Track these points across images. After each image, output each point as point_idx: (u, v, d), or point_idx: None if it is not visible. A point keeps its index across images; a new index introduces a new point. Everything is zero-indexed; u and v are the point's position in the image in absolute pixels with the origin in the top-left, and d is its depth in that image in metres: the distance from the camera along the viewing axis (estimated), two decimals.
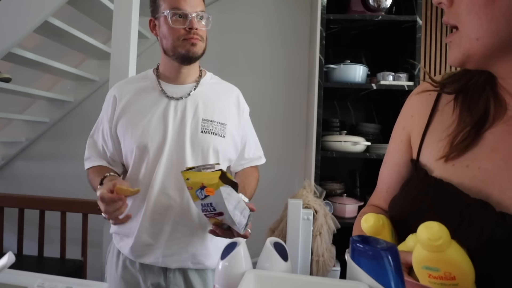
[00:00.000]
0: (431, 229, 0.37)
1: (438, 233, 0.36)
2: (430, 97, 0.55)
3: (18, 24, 1.60)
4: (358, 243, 0.36)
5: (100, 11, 1.89)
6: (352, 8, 1.75)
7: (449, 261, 0.37)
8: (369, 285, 0.34)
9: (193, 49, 0.95)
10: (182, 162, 0.95)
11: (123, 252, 1.00)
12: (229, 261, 0.38)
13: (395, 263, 0.35)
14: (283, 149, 2.09)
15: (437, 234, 0.36)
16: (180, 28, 0.93)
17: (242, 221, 0.80)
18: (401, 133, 0.58)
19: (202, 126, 0.97)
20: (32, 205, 1.77)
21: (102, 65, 2.22)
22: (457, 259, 0.37)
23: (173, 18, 0.93)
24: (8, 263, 0.43)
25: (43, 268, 1.66)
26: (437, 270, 0.37)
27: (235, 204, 0.78)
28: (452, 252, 0.37)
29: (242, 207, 0.81)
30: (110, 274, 1.03)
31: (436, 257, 0.37)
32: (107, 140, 1.03)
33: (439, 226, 0.37)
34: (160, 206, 0.94)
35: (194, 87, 1.02)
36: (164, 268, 0.97)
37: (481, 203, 0.41)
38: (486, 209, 0.41)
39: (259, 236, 1.10)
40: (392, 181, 0.61)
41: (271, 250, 0.39)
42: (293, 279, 0.36)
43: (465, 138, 0.45)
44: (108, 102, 1.04)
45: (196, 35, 0.94)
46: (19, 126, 2.27)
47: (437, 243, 0.36)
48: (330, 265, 1.35)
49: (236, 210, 0.78)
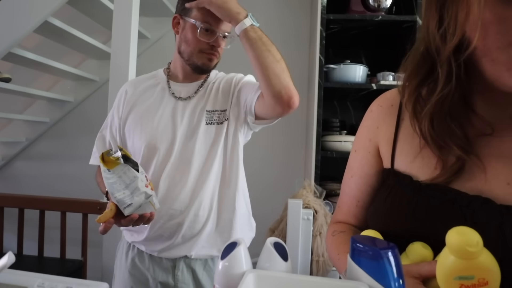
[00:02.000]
0: (466, 235, 0.35)
1: (475, 238, 0.34)
2: (393, 107, 0.55)
3: (18, 24, 1.60)
4: (358, 243, 0.36)
5: (100, 11, 1.89)
6: (352, 8, 1.75)
7: (484, 267, 0.35)
8: (369, 285, 0.34)
9: (209, 63, 0.99)
10: (193, 161, 0.96)
11: (135, 244, 1.01)
12: (229, 261, 0.38)
13: (395, 263, 0.35)
14: (283, 149, 2.09)
15: (474, 240, 0.34)
16: (204, 41, 0.95)
17: (125, 200, 0.78)
18: (368, 145, 0.58)
19: (207, 117, 0.98)
20: (32, 205, 1.77)
21: (102, 65, 2.22)
22: (491, 263, 0.36)
23: (202, 30, 0.95)
24: (8, 263, 0.43)
25: (43, 268, 1.66)
26: (471, 278, 0.35)
27: (127, 182, 0.78)
28: (486, 257, 0.36)
29: (133, 187, 0.78)
30: (120, 271, 1.04)
31: (471, 264, 0.35)
32: (116, 136, 1.04)
33: (472, 231, 0.35)
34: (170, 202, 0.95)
35: (200, 85, 1.03)
36: (173, 265, 0.98)
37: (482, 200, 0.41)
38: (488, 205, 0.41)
39: (259, 236, 1.10)
40: (362, 194, 0.60)
41: (271, 250, 0.39)
42: (293, 279, 0.36)
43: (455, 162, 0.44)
44: (119, 98, 1.06)
45: (217, 52, 0.98)
46: (19, 126, 2.27)
47: (474, 249, 0.34)
48: (330, 265, 1.35)
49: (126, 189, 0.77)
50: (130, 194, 0.78)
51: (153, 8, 2.06)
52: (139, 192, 0.79)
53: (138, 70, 1.64)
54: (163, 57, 1.18)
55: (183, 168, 0.96)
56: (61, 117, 2.27)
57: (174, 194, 0.95)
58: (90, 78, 2.18)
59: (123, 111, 1.03)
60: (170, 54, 1.09)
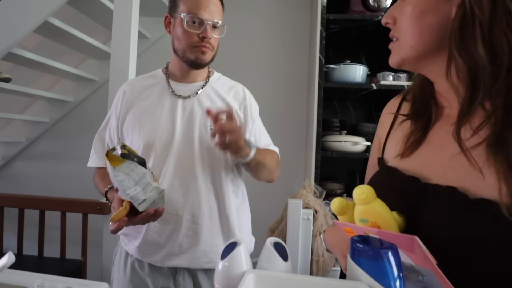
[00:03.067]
0: (359, 189, 0.47)
1: (363, 189, 0.46)
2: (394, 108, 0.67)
3: (18, 24, 1.60)
4: (358, 243, 0.36)
5: (100, 11, 1.89)
6: (352, 8, 1.75)
7: (374, 212, 0.46)
8: (369, 285, 0.34)
9: (202, 57, 0.97)
10: (192, 162, 0.95)
11: (131, 253, 0.99)
12: (229, 261, 0.38)
13: (395, 263, 0.35)
14: (283, 149, 2.07)
15: (362, 189, 0.46)
16: (194, 33, 0.94)
17: (139, 196, 0.77)
18: (375, 141, 0.71)
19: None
20: (32, 205, 1.77)
21: (102, 65, 2.22)
22: (380, 210, 0.46)
23: (189, 22, 0.93)
24: (8, 263, 0.43)
25: (43, 268, 1.66)
26: (366, 221, 0.46)
27: (136, 179, 0.78)
28: (376, 205, 0.46)
29: (144, 183, 0.79)
30: (118, 277, 1.01)
31: (365, 209, 0.46)
32: (113, 137, 1.03)
33: (365, 185, 0.47)
34: (169, 206, 0.93)
35: (202, 86, 1.02)
36: (173, 270, 0.96)
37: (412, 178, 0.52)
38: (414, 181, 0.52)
39: (259, 236, 1.10)
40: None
41: (271, 250, 0.39)
42: (293, 279, 0.36)
43: (415, 139, 0.56)
44: (117, 98, 1.05)
45: (208, 43, 0.95)
46: (19, 126, 2.27)
47: (362, 196, 0.46)
48: (330, 265, 1.35)
49: (136, 186, 0.77)
50: (142, 190, 0.78)
51: (153, 8, 2.06)
52: (152, 188, 0.78)
53: (138, 70, 1.64)
54: (163, 57, 1.18)
55: (184, 168, 0.95)
56: (61, 117, 2.27)
57: (171, 196, 0.93)
58: (90, 78, 2.18)
59: (122, 111, 1.01)
60: (170, 54, 1.09)
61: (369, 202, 0.46)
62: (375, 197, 0.46)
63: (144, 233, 0.94)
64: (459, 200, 0.45)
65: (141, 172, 0.79)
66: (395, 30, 0.56)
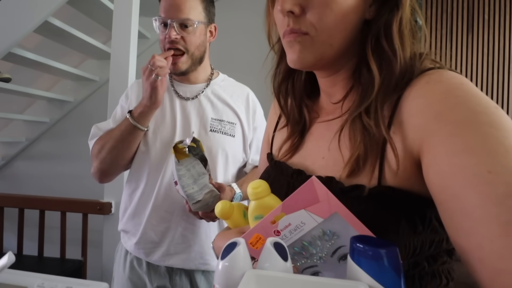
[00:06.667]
0: (254, 183, 0.46)
1: (258, 183, 0.46)
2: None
3: (18, 24, 1.60)
4: (358, 243, 0.36)
5: (100, 11, 1.89)
6: None
7: (268, 206, 0.45)
8: (369, 285, 0.34)
9: (174, 67, 0.94)
10: None
11: (130, 250, 1.00)
12: (229, 261, 0.37)
13: (395, 263, 0.35)
14: None
15: (257, 184, 0.46)
16: (165, 38, 0.92)
17: (195, 196, 0.79)
18: (265, 137, 0.71)
19: (211, 125, 0.97)
20: (32, 205, 1.77)
21: (102, 65, 2.22)
22: (275, 204, 0.44)
23: (159, 27, 0.92)
24: (8, 263, 0.43)
25: (43, 268, 1.66)
26: (261, 217, 0.44)
27: (196, 177, 0.79)
28: (270, 199, 0.46)
29: (202, 184, 0.80)
30: (118, 274, 1.03)
31: (259, 204, 0.46)
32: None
33: (260, 180, 0.47)
34: (167, 205, 0.94)
35: (205, 87, 1.02)
36: (170, 270, 0.97)
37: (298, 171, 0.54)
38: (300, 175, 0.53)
39: None
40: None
41: (271, 250, 0.39)
42: (293, 279, 0.36)
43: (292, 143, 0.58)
44: (125, 93, 1.06)
45: (177, 44, 0.92)
46: (19, 126, 2.27)
47: (257, 190, 0.46)
48: None
49: (194, 184, 0.78)
50: (199, 190, 0.79)
51: (153, 8, 2.06)
52: (208, 190, 0.80)
53: (138, 70, 1.64)
54: None
55: None
56: (61, 117, 2.27)
57: (169, 195, 0.94)
58: (90, 78, 2.18)
59: (129, 105, 1.02)
60: None
61: (263, 197, 0.46)
62: (269, 192, 0.47)
63: (141, 230, 0.95)
64: (337, 189, 0.45)
65: (201, 171, 0.80)
66: (303, 23, 0.46)
